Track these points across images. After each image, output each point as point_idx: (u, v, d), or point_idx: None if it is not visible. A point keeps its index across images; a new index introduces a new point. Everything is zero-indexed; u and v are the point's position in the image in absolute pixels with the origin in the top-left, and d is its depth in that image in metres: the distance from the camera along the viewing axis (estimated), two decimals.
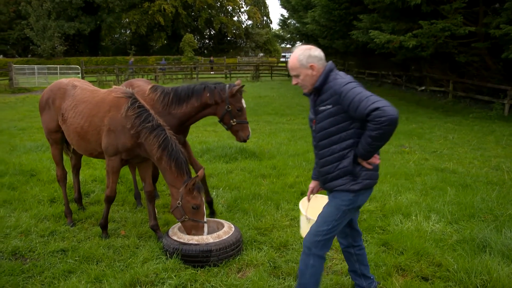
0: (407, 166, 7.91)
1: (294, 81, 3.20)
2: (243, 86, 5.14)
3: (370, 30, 17.02)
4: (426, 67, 22.17)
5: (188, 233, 4.41)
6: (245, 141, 5.24)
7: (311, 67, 3.08)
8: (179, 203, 4.34)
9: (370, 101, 2.79)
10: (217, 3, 63.64)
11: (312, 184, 3.59)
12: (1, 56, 55.64)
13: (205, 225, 4.39)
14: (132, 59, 41.87)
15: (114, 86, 4.94)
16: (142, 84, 5.69)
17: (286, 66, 41.92)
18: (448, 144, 10.22)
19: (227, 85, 5.16)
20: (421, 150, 9.51)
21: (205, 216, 4.42)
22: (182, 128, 5.34)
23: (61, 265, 4.21)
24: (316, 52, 3.12)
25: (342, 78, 3.04)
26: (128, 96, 4.59)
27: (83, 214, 5.68)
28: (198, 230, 4.35)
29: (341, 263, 4.24)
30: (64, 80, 5.36)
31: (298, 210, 5.67)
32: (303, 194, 6.35)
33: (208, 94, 5.09)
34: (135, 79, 6.29)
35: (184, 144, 5.53)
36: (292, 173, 7.45)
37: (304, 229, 3.54)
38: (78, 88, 5.11)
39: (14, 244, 4.64)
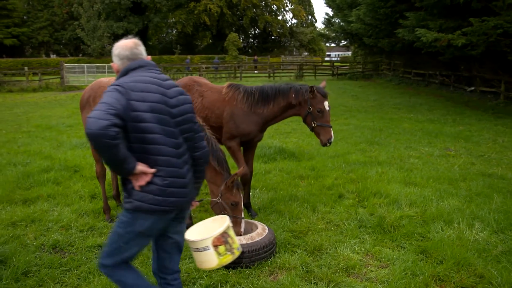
0: (451, 170, 7.59)
1: None
2: (322, 87, 5.19)
3: (416, 28, 16.53)
4: (476, 66, 21.28)
5: None
6: (326, 145, 5.18)
7: (112, 66, 2.88)
8: (218, 199, 4.41)
9: (93, 108, 2.45)
10: (262, 2, 63.75)
11: None
12: (55, 55, 58.22)
13: (243, 221, 4.45)
14: (188, 58, 42.67)
15: None
16: (208, 82, 5.91)
17: (330, 66, 41.56)
18: (497, 148, 9.75)
19: (311, 86, 5.21)
20: (468, 153, 9.11)
21: (243, 212, 4.47)
22: (265, 127, 5.49)
23: (97, 260, 4.30)
24: (117, 50, 2.83)
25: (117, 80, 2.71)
26: None
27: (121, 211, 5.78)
28: (237, 226, 4.38)
29: (376, 270, 4.11)
30: (104, 79, 5.50)
31: (333, 213, 5.56)
32: (340, 196, 6.24)
33: (293, 95, 5.20)
34: (196, 76, 6.53)
35: (254, 144, 5.70)
36: (331, 174, 7.31)
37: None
38: None
39: (54, 238, 4.80)
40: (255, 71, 41.41)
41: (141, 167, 2.60)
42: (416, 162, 8.23)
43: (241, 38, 61.00)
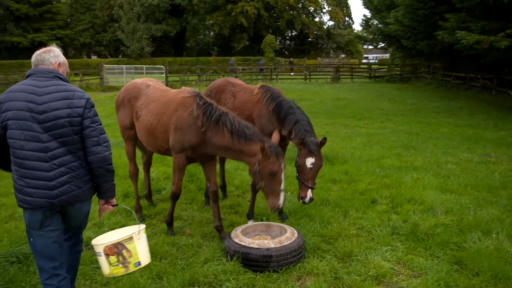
0: (491, 178, 7.29)
1: None
2: (314, 143, 4.72)
3: (456, 30, 16.05)
4: None
5: (266, 199, 4.40)
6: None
7: None
8: (256, 168, 4.31)
9: None
10: (299, 4, 63.50)
11: None
12: (96, 56, 59.93)
13: (282, 193, 4.30)
14: (232, 59, 43.01)
15: (183, 87, 5.06)
16: (242, 83, 5.92)
17: (367, 68, 40.96)
18: None
19: (307, 137, 4.75)
20: (509, 160, 8.74)
21: (283, 184, 4.31)
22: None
23: None
24: (32, 56, 3.14)
25: None
26: (195, 95, 4.70)
27: (153, 210, 5.86)
28: (275, 198, 4.30)
29: (407, 279, 3.98)
30: (139, 80, 5.60)
31: (365, 219, 5.44)
32: (373, 202, 6.10)
33: (292, 125, 4.91)
34: (231, 77, 6.57)
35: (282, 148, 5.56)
36: (364, 179, 7.17)
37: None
38: (151, 88, 5.30)
39: (87, 235, 4.88)
40: (291, 73, 41.25)
41: None
42: (454, 168, 7.97)
43: (277, 40, 60.90)
